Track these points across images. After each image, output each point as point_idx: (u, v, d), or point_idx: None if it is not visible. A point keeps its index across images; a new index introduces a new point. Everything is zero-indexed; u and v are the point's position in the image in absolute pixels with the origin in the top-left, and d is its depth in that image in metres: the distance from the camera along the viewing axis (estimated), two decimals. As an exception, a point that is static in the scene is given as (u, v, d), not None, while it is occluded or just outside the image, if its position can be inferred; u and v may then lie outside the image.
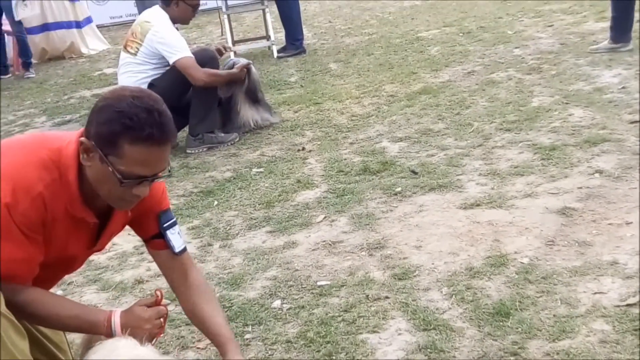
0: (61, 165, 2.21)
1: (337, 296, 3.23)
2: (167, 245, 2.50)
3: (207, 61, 5.66)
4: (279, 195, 4.50)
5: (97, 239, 2.41)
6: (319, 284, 3.36)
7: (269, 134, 5.82)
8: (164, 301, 2.47)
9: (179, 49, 5.55)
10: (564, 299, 2.95)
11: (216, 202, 4.54)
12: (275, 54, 9.03)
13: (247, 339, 3.00)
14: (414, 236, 3.71)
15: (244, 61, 5.94)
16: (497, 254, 3.38)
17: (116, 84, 6.69)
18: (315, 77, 7.58)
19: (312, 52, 9.00)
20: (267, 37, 9.53)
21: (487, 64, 6.98)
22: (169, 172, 2.26)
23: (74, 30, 11.84)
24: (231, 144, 5.69)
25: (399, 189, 4.30)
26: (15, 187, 2.12)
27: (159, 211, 2.48)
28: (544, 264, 3.24)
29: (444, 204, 4.05)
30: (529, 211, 3.79)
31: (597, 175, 4.09)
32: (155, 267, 3.46)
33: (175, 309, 3.16)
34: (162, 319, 2.38)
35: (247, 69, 5.84)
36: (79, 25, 11.92)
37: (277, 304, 3.24)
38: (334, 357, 2.80)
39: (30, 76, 10.26)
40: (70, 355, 2.61)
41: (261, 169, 5.02)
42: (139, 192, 2.21)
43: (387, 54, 8.17)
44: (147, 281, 3.62)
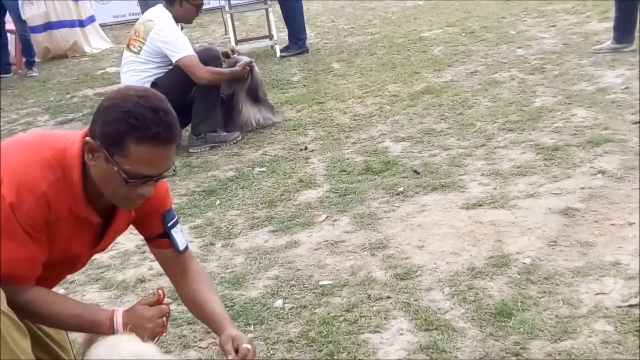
0: (65, 164, 2.20)
1: (339, 296, 3.23)
2: (172, 244, 2.51)
3: (210, 60, 5.66)
4: (282, 194, 4.50)
5: (101, 238, 2.41)
6: (321, 283, 3.37)
7: (272, 133, 5.82)
8: (166, 300, 2.47)
9: (182, 48, 5.55)
10: (566, 299, 2.95)
11: (218, 202, 4.55)
12: (278, 54, 9.03)
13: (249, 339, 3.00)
14: (416, 236, 3.71)
15: (247, 59, 5.94)
16: (499, 254, 3.38)
17: (119, 83, 6.69)
18: (317, 77, 7.58)
19: (314, 52, 9.00)
20: (270, 37, 9.52)
21: (489, 64, 6.98)
22: (173, 171, 2.26)
23: (77, 29, 11.83)
24: (234, 143, 5.69)
25: (401, 189, 4.30)
26: (19, 186, 2.12)
27: (163, 211, 2.48)
28: (546, 264, 3.24)
29: (446, 204, 4.05)
30: (531, 211, 3.79)
31: (599, 175, 4.08)
32: (157, 266, 3.47)
33: (177, 308, 3.16)
34: (164, 318, 2.38)
35: (250, 67, 5.84)
36: (82, 24, 11.92)
37: (279, 303, 3.24)
38: (335, 357, 2.80)
39: (33, 75, 10.27)
40: (72, 354, 2.61)
41: (263, 169, 5.02)
42: (144, 191, 2.21)
43: (389, 54, 8.17)
44: (149, 280, 3.62)
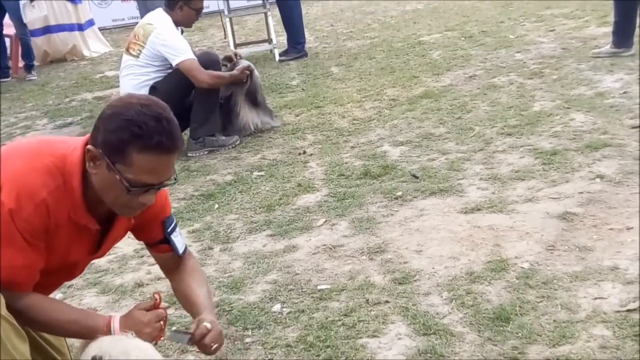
0: (65, 171, 2.20)
1: (337, 300, 3.23)
2: (172, 248, 2.53)
3: (210, 64, 5.66)
4: (280, 198, 4.50)
5: (99, 245, 2.41)
6: (319, 287, 3.36)
7: (270, 138, 5.82)
8: (163, 304, 2.47)
9: (183, 51, 5.55)
10: (564, 304, 2.95)
11: (217, 206, 4.54)
12: (277, 58, 9.03)
13: (247, 343, 3.00)
14: (414, 240, 3.71)
15: (246, 63, 5.95)
16: (498, 258, 3.38)
17: (118, 87, 6.69)
18: (316, 81, 7.58)
19: (313, 56, 9.00)
20: (269, 41, 9.52)
21: (488, 68, 6.98)
22: (174, 180, 2.26)
23: (76, 32, 11.83)
24: (232, 147, 5.69)
25: (399, 193, 4.30)
26: (19, 192, 2.12)
27: (163, 218, 2.49)
28: (545, 269, 3.24)
29: (445, 208, 4.05)
30: (529, 216, 3.79)
31: (598, 180, 4.08)
32: (155, 270, 3.49)
33: (174, 313, 3.16)
34: (161, 322, 2.38)
35: (249, 71, 5.84)
36: (81, 27, 11.91)
37: (277, 307, 3.24)
38: (333, 362, 2.80)
39: (32, 78, 10.26)
40: (70, 358, 2.61)
41: (262, 173, 5.02)
42: (145, 200, 2.21)
43: (388, 58, 8.17)
44: (147, 284, 3.62)
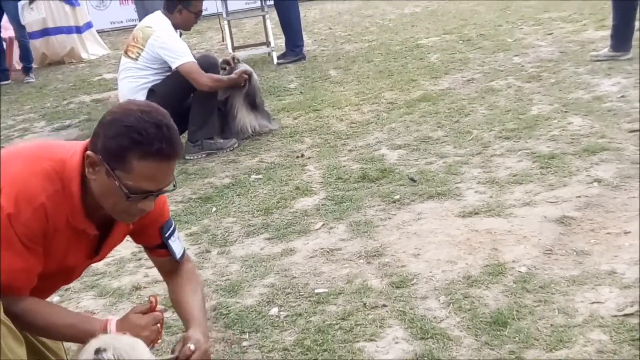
0: (64, 176, 2.20)
1: (335, 304, 3.23)
2: (169, 253, 2.53)
3: (209, 67, 5.66)
4: (278, 202, 4.49)
5: (98, 250, 2.41)
6: (316, 291, 3.36)
7: (268, 141, 5.82)
8: (159, 307, 2.47)
9: (182, 54, 5.55)
10: (561, 308, 2.95)
11: (215, 209, 4.54)
12: (275, 61, 9.04)
13: (244, 347, 2.99)
14: (412, 244, 3.71)
15: (244, 67, 5.95)
16: (495, 262, 3.38)
17: (116, 89, 6.69)
18: (315, 84, 7.59)
19: (311, 59, 9.01)
20: (267, 44, 9.54)
21: (486, 71, 6.99)
22: (174, 186, 2.26)
23: (74, 35, 11.85)
24: (230, 150, 5.69)
25: (397, 197, 4.30)
26: (18, 197, 2.12)
27: (161, 223, 2.49)
28: (542, 273, 3.24)
29: (443, 212, 4.05)
30: (527, 220, 3.79)
31: (595, 184, 4.08)
32: (152, 273, 3.49)
33: (171, 316, 3.15)
34: (158, 325, 2.38)
35: (248, 74, 5.84)
36: (79, 30, 11.93)
37: (274, 311, 3.23)
38: (331, 366, 2.80)
39: (30, 81, 10.27)
40: (66, 361, 2.61)
41: (260, 176, 5.02)
42: (144, 206, 2.22)
43: (386, 61, 8.18)
44: (144, 287, 3.61)
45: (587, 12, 9.04)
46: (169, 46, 5.56)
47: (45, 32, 11.56)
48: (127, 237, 2.57)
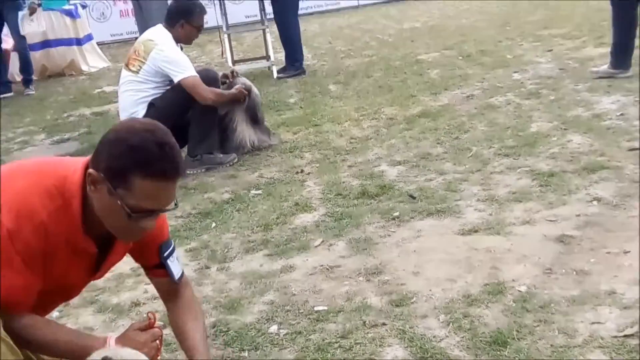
0: (65, 193, 2.20)
1: (334, 322, 3.22)
2: (167, 274, 2.52)
3: (210, 81, 5.68)
4: (277, 218, 4.49)
5: (97, 268, 2.40)
6: (316, 309, 3.35)
7: (268, 156, 5.82)
8: (158, 323, 2.47)
9: (185, 68, 5.57)
10: (561, 328, 2.94)
11: (214, 224, 4.54)
12: (275, 75, 9.06)
13: (243, 365, 2.99)
14: (411, 262, 3.71)
15: (242, 82, 5.96)
16: (495, 281, 3.38)
17: (116, 102, 6.71)
18: (314, 99, 7.60)
19: (311, 73, 9.03)
20: (267, 58, 9.56)
21: (486, 88, 7.01)
22: (175, 204, 2.26)
23: (75, 47, 11.89)
24: (230, 165, 5.69)
25: (397, 214, 4.30)
26: (18, 213, 2.12)
27: (160, 242, 2.49)
28: (542, 292, 3.23)
29: (442, 229, 4.05)
30: (527, 238, 3.79)
31: (595, 202, 4.09)
32: (152, 289, 3.46)
33: (170, 333, 3.13)
34: (157, 342, 2.38)
35: (247, 90, 5.86)
36: (79, 42, 11.97)
37: (273, 329, 3.23)
38: (330, 385, 2.79)
39: (30, 93, 10.27)
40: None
41: (259, 191, 5.02)
42: (145, 225, 2.22)
43: (386, 77, 8.20)
44: (143, 304, 3.61)
45: (586, 29, 9.08)
46: (172, 60, 5.57)
47: (45, 44, 11.60)
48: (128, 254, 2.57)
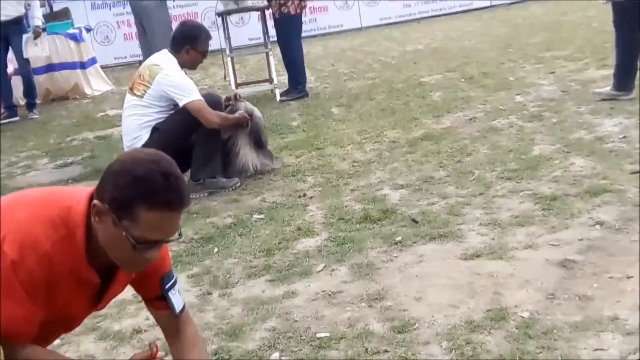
0: (69, 223, 2.20)
1: (336, 349, 3.21)
2: (169, 306, 2.51)
3: (214, 105, 5.70)
4: (279, 242, 4.49)
5: (99, 298, 2.40)
6: (318, 335, 3.34)
7: (270, 180, 5.83)
8: (160, 353, 2.46)
9: (191, 92, 5.60)
10: (564, 355, 2.93)
11: (216, 249, 4.53)
12: (278, 98, 9.08)
13: (244, 393, 2.98)
14: (414, 287, 3.70)
15: (246, 105, 5.99)
16: (498, 307, 3.36)
17: (119, 126, 6.73)
18: (317, 122, 7.61)
19: (314, 96, 9.05)
20: (270, 80, 9.59)
21: (488, 110, 7.01)
22: (179, 234, 2.26)
23: (78, 70, 11.92)
24: (232, 189, 5.70)
25: (399, 238, 4.29)
26: (22, 244, 2.12)
27: (162, 274, 2.49)
28: (544, 318, 3.22)
29: (445, 254, 4.04)
30: (529, 263, 3.78)
31: (597, 226, 4.08)
32: (153, 317, 3.46)
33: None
34: None
35: (249, 115, 5.88)
36: (83, 65, 12.01)
37: (275, 356, 3.22)
38: (332, 413, 2.78)
39: (33, 117, 10.29)
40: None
41: (262, 215, 5.02)
42: (150, 255, 2.22)
43: (389, 99, 8.22)
44: (145, 331, 3.60)
45: (588, 51, 9.09)
46: (177, 84, 5.60)
47: (49, 68, 11.65)
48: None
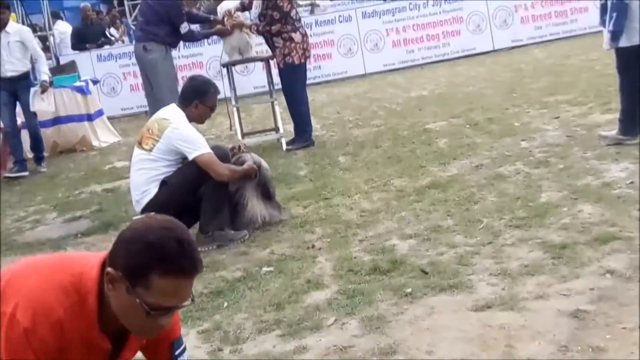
0: (81, 289, 2.22)
1: (349, 406, 3.20)
2: None
3: (222, 157, 5.74)
4: (289, 296, 4.48)
5: None
6: (330, 392, 3.33)
7: (279, 231, 5.83)
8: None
9: (200, 145, 5.64)
10: (579, 409, 2.91)
11: (226, 304, 4.53)
12: (284, 147, 9.11)
13: None
14: (425, 340, 3.68)
15: (253, 156, 6.02)
16: (510, 360, 3.35)
17: (127, 178, 6.76)
18: (324, 171, 7.63)
19: (320, 144, 9.08)
20: (276, 130, 9.63)
21: (494, 157, 7.03)
22: (192, 300, 2.28)
23: (85, 123, 11.97)
24: (241, 242, 5.71)
25: (409, 290, 4.28)
26: (35, 311, 2.14)
27: (172, 339, 2.49)
28: (558, 371, 3.21)
29: (455, 305, 4.03)
30: (541, 314, 3.77)
31: (608, 275, 4.07)
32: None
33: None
34: None
35: (258, 166, 5.91)
36: (90, 118, 12.07)
37: (288, 414, 3.20)
38: None
39: (41, 170, 10.33)
40: None
41: (271, 268, 5.02)
42: (163, 322, 2.23)
43: (395, 147, 8.24)
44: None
45: (592, 94, 9.12)
46: (186, 138, 5.65)
47: (56, 121, 11.70)
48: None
